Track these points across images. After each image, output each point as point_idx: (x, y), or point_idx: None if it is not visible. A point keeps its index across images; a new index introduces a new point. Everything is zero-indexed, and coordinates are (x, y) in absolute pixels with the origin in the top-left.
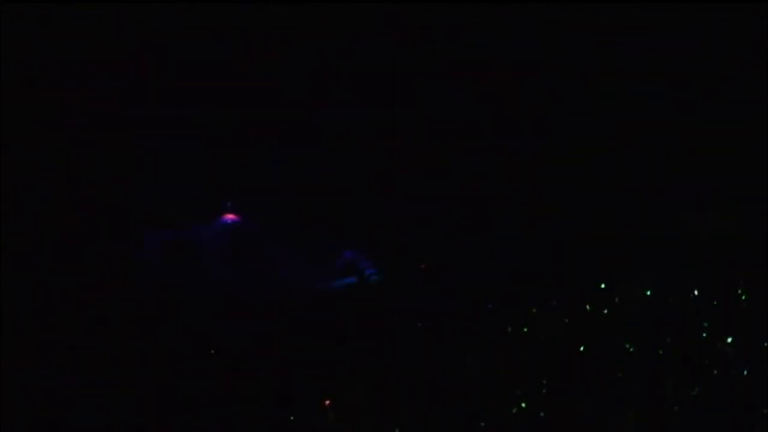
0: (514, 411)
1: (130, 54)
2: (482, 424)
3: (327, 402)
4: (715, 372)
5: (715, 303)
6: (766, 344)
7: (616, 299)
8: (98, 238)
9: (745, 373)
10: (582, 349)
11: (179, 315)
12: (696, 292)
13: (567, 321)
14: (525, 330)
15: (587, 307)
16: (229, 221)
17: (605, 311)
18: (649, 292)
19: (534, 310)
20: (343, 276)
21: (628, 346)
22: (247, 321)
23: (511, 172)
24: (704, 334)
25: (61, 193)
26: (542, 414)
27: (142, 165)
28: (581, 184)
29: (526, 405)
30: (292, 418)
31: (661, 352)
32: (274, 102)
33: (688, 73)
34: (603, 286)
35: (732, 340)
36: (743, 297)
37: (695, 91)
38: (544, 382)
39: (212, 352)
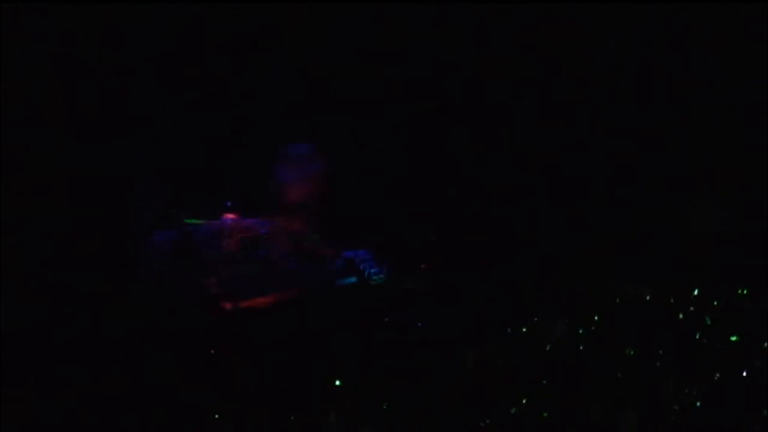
0: (514, 411)
1: (130, 54)
2: (482, 424)
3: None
4: (715, 372)
5: (715, 303)
6: (766, 344)
7: (617, 300)
8: (98, 238)
9: (745, 373)
10: (582, 349)
11: (179, 315)
12: (696, 292)
13: (567, 321)
14: (525, 330)
15: (587, 307)
16: (229, 221)
17: (605, 312)
18: (648, 293)
19: (534, 311)
20: (343, 276)
21: (628, 346)
22: (247, 321)
23: (511, 171)
24: (704, 334)
25: (61, 192)
26: (543, 414)
27: (141, 165)
28: (581, 184)
29: (526, 405)
30: (292, 418)
31: (661, 352)
32: (274, 101)
33: (688, 73)
34: (603, 286)
35: (732, 340)
36: (743, 297)
37: (695, 90)
38: (544, 382)
39: (212, 352)
